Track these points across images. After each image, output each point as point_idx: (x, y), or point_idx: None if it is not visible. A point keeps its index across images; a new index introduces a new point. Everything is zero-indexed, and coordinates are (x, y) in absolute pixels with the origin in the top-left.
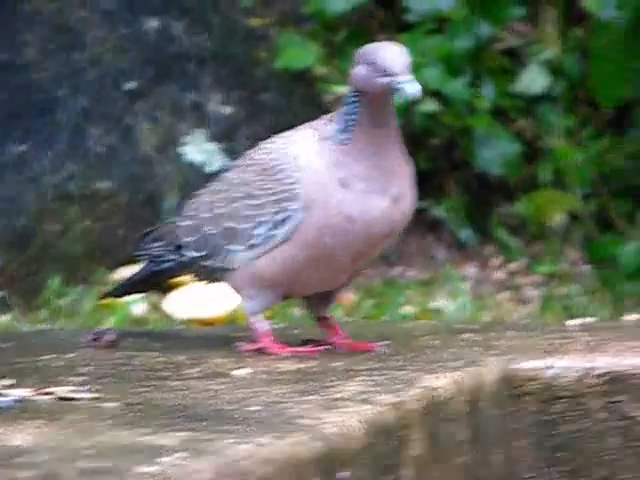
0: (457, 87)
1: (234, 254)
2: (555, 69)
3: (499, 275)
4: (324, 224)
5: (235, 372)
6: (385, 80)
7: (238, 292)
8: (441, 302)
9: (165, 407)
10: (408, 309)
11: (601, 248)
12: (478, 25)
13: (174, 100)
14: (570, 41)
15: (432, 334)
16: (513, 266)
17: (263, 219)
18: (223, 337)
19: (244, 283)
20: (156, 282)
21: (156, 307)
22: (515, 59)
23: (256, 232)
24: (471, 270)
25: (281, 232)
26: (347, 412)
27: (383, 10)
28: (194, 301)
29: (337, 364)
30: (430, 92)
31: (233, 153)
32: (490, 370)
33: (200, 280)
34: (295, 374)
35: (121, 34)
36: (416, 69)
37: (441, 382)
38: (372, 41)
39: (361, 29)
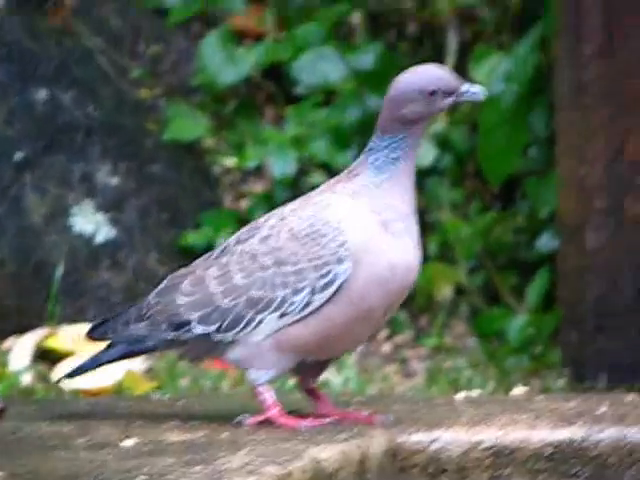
0: (346, 159)
1: (261, 324)
2: (443, 142)
3: (385, 348)
4: (371, 277)
5: (122, 443)
6: (450, 99)
7: (246, 363)
8: (327, 374)
9: (52, 477)
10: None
11: (487, 322)
12: (366, 97)
13: (62, 170)
14: (458, 115)
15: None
16: (399, 339)
17: (302, 285)
18: (111, 407)
19: (262, 352)
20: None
21: (44, 377)
22: None
23: (295, 299)
24: None
25: (321, 297)
26: None
27: (272, 82)
28: None
29: (224, 435)
30: (319, 164)
31: (121, 223)
32: (376, 442)
33: (190, 357)
34: (181, 445)
35: (10, 104)
36: (304, 142)
37: (327, 454)
38: (260, 114)
39: (250, 101)
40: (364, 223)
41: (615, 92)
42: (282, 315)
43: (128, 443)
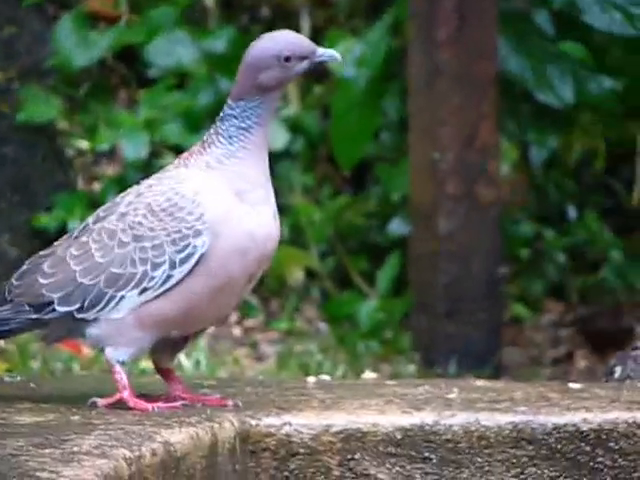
0: (196, 142)
1: (122, 300)
2: (295, 126)
3: (236, 331)
4: (230, 247)
5: None
6: (305, 64)
7: (105, 341)
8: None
9: None
10: (145, 364)
11: (338, 306)
12: (219, 81)
13: None
14: (310, 98)
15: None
16: (250, 322)
17: (161, 260)
18: None
19: (123, 330)
20: None
21: None
22: None
23: (154, 274)
24: None
25: (181, 270)
26: (84, 466)
27: (125, 65)
28: None
29: (75, 418)
30: (171, 147)
31: None
32: (227, 426)
33: (49, 339)
34: (32, 427)
35: None
36: (156, 125)
37: (178, 437)
38: (113, 97)
39: (103, 84)
40: (220, 195)
41: (467, 78)
42: (143, 291)
43: None
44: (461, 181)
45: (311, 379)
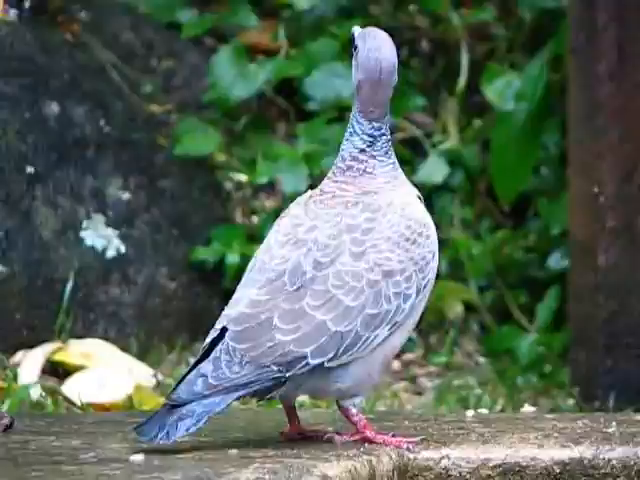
0: None
1: (376, 339)
2: (455, 160)
3: (395, 365)
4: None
5: (131, 457)
6: None
7: (356, 384)
8: None
9: None
10: (302, 398)
11: (497, 340)
12: None
13: (74, 185)
14: (470, 132)
15: (329, 423)
16: (409, 356)
17: (411, 291)
18: (119, 422)
19: (370, 369)
20: None
21: (53, 391)
22: (416, 149)
23: (405, 306)
24: None
25: (420, 297)
26: None
27: (284, 98)
28: (92, 386)
29: (232, 451)
30: None
31: (131, 238)
32: (385, 460)
33: (296, 393)
34: (190, 460)
35: (22, 118)
36: (315, 158)
37: (335, 471)
38: (272, 130)
39: (261, 117)
40: (424, 210)
41: (627, 112)
42: (393, 325)
43: (137, 458)
44: (620, 215)
45: (470, 413)
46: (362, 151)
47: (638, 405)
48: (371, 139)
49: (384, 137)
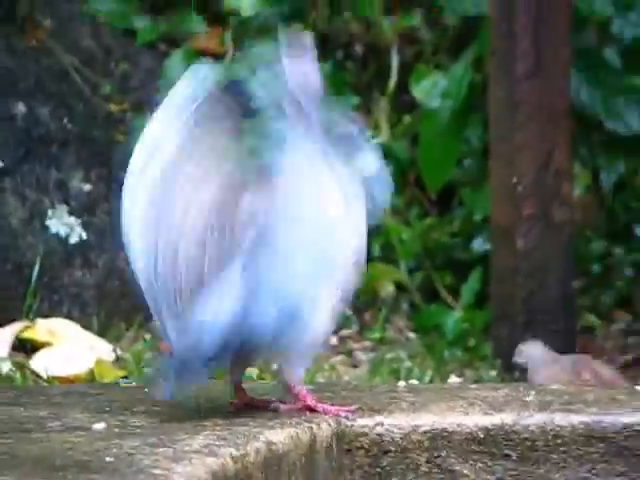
0: None
1: None
2: (386, 153)
3: (333, 340)
4: None
5: (93, 426)
6: None
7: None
8: None
9: (27, 458)
10: (250, 370)
11: (426, 317)
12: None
13: (39, 178)
14: (400, 128)
15: (273, 393)
16: (345, 332)
17: None
18: (83, 393)
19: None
20: None
21: (22, 366)
22: None
23: None
24: None
25: None
26: (194, 464)
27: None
28: (57, 361)
29: (186, 420)
30: None
31: (93, 226)
32: (324, 426)
33: None
34: (147, 428)
35: None
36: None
37: (279, 437)
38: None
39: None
40: None
41: (543, 109)
42: None
43: (99, 426)
44: (537, 203)
45: (401, 384)
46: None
47: None
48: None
49: None
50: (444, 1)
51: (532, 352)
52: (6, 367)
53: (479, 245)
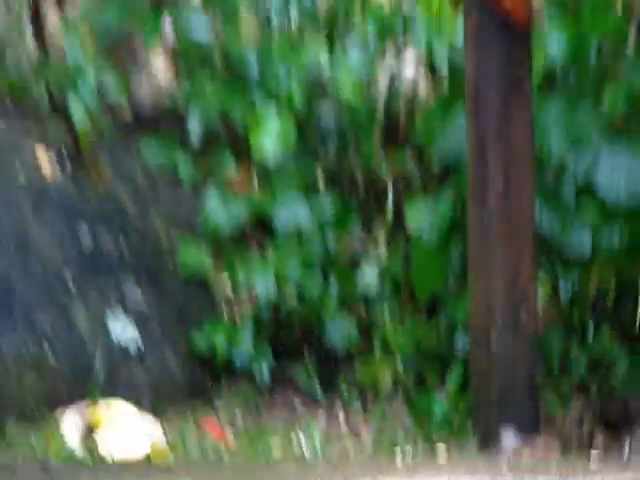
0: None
1: None
2: (384, 270)
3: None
4: None
5: None
6: None
7: None
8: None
9: None
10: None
11: (417, 403)
12: (327, 235)
13: (102, 290)
14: (395, 247)
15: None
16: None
17: None
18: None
19: None
20: None
21: (90, 448)
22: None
23: None
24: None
25: None
26: None
27: (259, 227)
28: (117, 443)
29: None
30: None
31: (147, 331)
32: None
33: None
34: None
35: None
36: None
37: None
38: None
39: (244, 244)
40: None
41: (511, 232)
42: None
43: None
44: (508, 311)
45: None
46: None
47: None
48: None
49: None
50: (430, 143)
51: (505, 436)
52: (79, 452)
53: (460, 344)
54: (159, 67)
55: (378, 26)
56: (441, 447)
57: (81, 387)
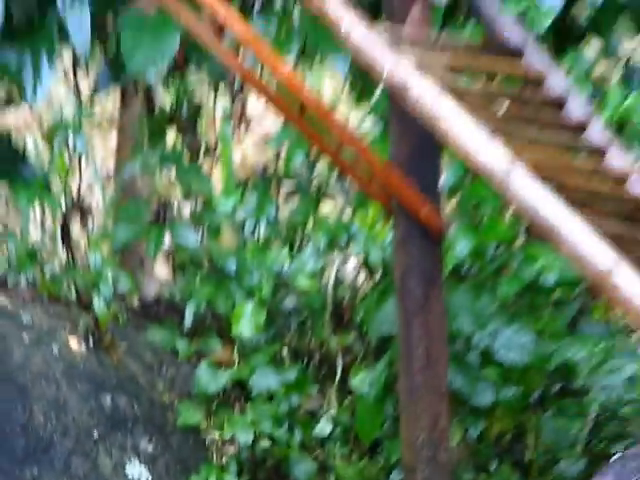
0: None
1: None
2: (336, 420)
3: None
4: None
5: None
6: None
7: None
8: None
9: None
10: None
11: None
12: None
13: (120, 445)
14: (344, 404)
15: None
16: None
17: None
18: None
19: None
20: None
21: None
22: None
23: None
24: None
25: None
26: None
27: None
28: None
29: None
30: None
31: (155, 472)
32: None
33: None
34: None
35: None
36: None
37: None
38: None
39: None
40: None
41: (430, 392)
42: None
43: None
44: (429, 450)
45: None
46: None
47: None
48: None
49: None
50: (368, 324)
51: None
52: None
53: (397, 477)
54: (160, 268)
55: (327, 235)
56: None
57: None
